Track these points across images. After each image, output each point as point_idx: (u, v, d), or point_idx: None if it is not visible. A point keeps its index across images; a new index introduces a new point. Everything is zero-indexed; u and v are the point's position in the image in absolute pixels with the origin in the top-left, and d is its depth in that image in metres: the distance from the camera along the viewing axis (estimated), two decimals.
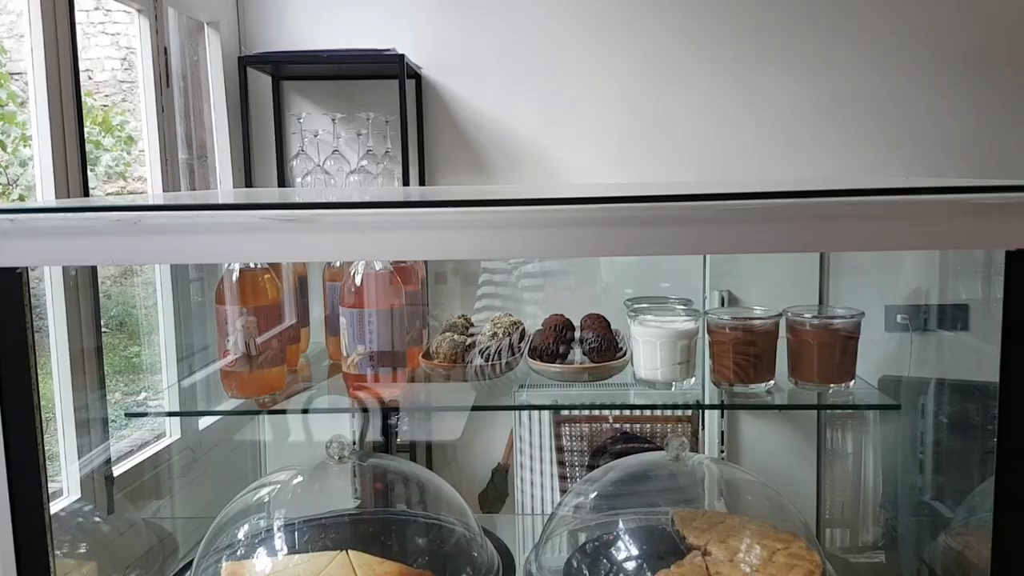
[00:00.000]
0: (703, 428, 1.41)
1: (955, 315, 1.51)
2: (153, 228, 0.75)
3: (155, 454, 1.70)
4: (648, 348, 1.04)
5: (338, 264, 1.19)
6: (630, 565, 1.17)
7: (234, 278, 1.01)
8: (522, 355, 1.15)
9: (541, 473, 2.51)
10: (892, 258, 1.42)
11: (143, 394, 1.80)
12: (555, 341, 1.13)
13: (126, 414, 1.25)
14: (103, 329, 1.51)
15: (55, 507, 1.40)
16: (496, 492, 2.49)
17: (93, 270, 1.26)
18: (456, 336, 1.13)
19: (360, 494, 1.32)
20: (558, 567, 1.21)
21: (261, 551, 1.15)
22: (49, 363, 1.42)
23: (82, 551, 1.39)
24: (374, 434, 1.45)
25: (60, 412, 1.46)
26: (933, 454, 1.39)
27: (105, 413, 1.49)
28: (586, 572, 1.20)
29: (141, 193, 2.29)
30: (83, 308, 1.31)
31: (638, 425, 2.01)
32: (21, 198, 1.73)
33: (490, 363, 1.11)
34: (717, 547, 1.19)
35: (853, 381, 1.05)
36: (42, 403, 0.88)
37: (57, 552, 1.25)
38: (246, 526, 1.16)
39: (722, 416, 1.40)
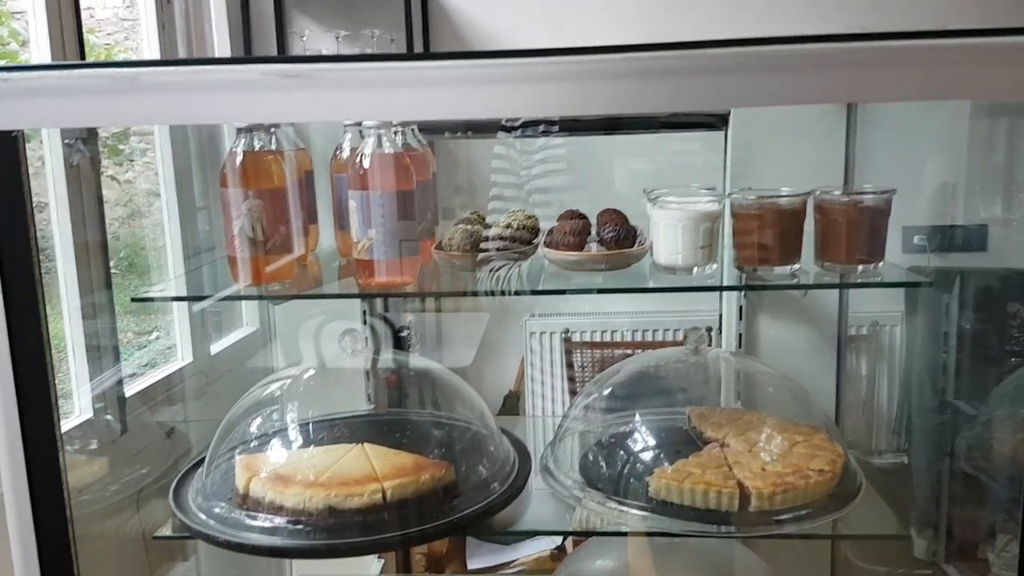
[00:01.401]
0: (720, 332, 1.38)
1: (974, 236, 1.47)
2: (151, 86, 0.71)
3: (167, 377, 1.69)
4: (669, 232, 1.00)
5: (345, 154, 1.15)
6: (646, 456, 1.16)
7: (238, 161, 0.97)
8: (538, 246, 1.12)
9: (552, 400, 2.51)
10: (912, 174, 1.37)
11: (155, 333, 1.79)
12: (571, 232, 1.09)
13: (132, 299, 1.23)
14: (112, 270, 1.49)
15: (66, 425, 1.40)
16: None
17: (95, 162, 1.22)
18: (469, 227, 1.09)
19: (374, 394, 1.31)
20: (574, 461, 1.20)
21: (275, 443, 1.14)
22: (55, 268, 1.40)
23: (93, 447, 1.39)
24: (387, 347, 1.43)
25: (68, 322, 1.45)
26: (957, 352, 1.36)
27: (114, 320, 1.48)
28: (602, 464, 1.19)
29: None
30: (86, 200, 1.28)
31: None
32: None
33: (505, 252, 1.07)
34: (735, 440, 1.17)
35: (882, 262, 1.01)
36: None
37: (68, 448, 1.25)
38: (259, 420, 1.15)
39: (740, 319, 1.36)
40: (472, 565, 2.81)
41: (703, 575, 1.22)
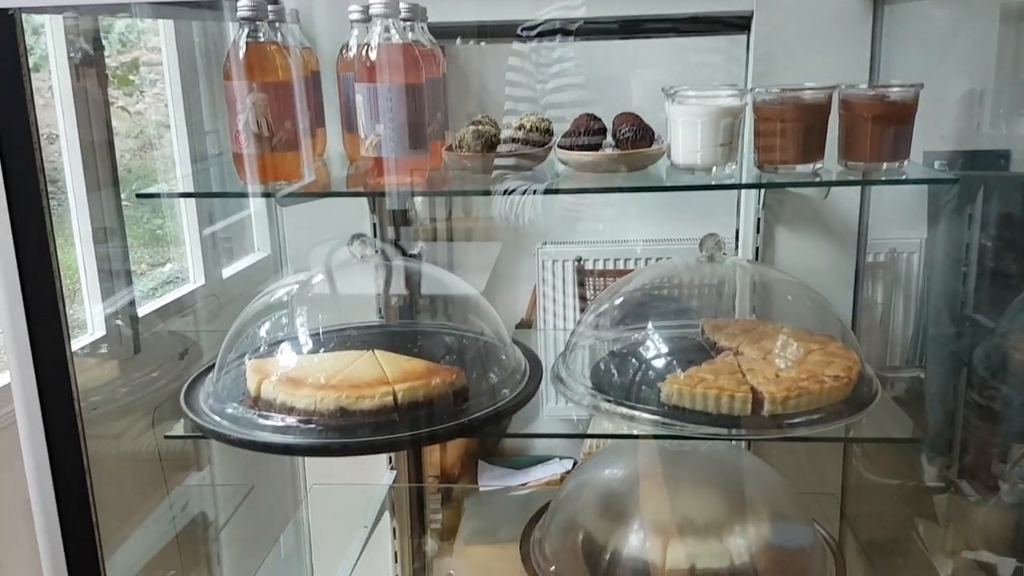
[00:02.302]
0: (737, 246, 1.36)
1: (996, 159, 1.42)
2: None
3: (179, 299, 1.69)
4: (688, 129, 0.96)
5: (352, 52, 1.11)
6: (658, 363, 1.15)
7: (241, 52, 0.94)
8: (551, 148, 1.08)
9: (565, 330, 2.50)
10: (938, 83, 1.32)
11: (168, 265, 1.79)
12: (586, 132, 1.06)
13: (137, 195, 1.21)
14: (123, 203, 1.48)
15: (79, 343, 1.41)
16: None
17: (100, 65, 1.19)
18: (481, 127, 1.06)
19: (384, 306, 1.30)
20: (585, 370, 1.19)
21: (286, 348, 1.13)
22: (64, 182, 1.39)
23: (103, 351, 1.40)
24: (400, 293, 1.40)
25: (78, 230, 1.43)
26: (977, 264, 1.34)
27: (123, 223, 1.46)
28: (614, 372, 1.18)
29: None
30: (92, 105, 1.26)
31: None
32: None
33: (518, 153, 1.04)
34: (750, 348, 1.16)
35: (907, 160, 0.97)
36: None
37: (77, 351, 1.25)
38: (268, 325, 1.14)
39: (757, 232, 1.34)
40: (484, 488, 2.86)
41: (714, 484, 1.22)
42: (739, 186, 1.10)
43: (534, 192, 0.99)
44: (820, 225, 1.42)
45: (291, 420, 1.01)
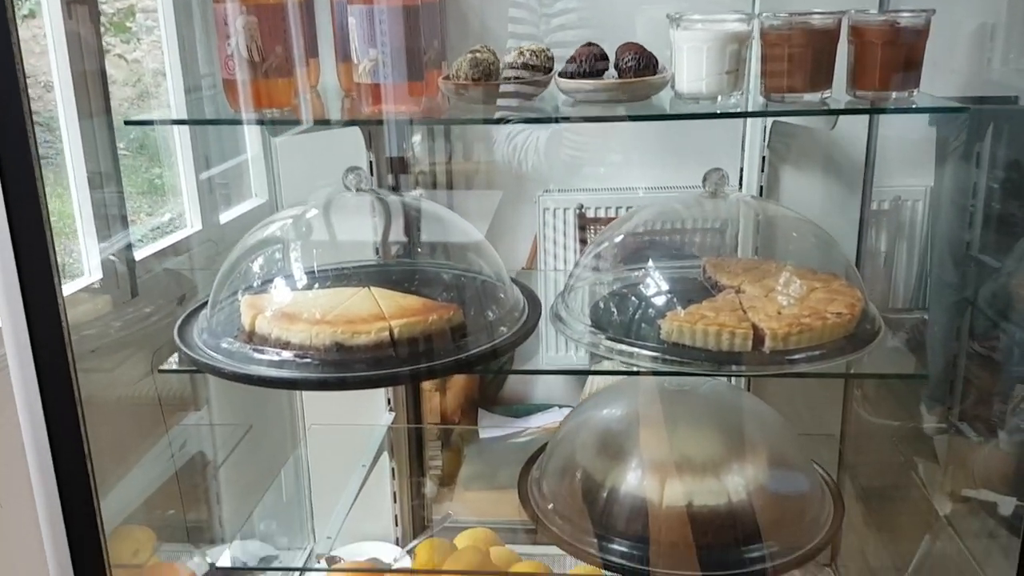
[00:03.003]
0: (741, 186, 1.33)
1: (1004, 103, 1.38)
2: None
3: (176, 244, 1.67)
4: (693, 56, 0.93)
5: None
6: (659, 301, 1.13)
7: None
8: (552, 78, 1.05)
9: (565, 273, 2.48)
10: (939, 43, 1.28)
11: (167, 215, 1.77)
12: (588, 61, 1.02)
13: (126, 122, 1.19)
14: (121, 152, 1.45)
15: (75, 287, 1.39)
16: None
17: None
18: (479, 55, 1.03)
19: (382, 244, 1.27)
20: (585, 307, 1.18)
21: (280, 284, 1.12)
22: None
23: (101, 294, 1.38)
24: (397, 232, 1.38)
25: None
26: (985, 205, 1.31)
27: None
28: (614, 311, 1.16)
29: None
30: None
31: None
32: None
33: (517, 80, 1.01)
34: (752, 286, 1.14)
35: (917, 90, 0.94)
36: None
37: (73, 294, 1.23)
38: (262, 260, 1.13)
39: (762, 170, 1.31)
40: (483, 435, 2.87)
41: (713, 423, 1.21)
42: (744, 114, 1.07)
43: (535, 120, 0.96)
44: (825, 167, 1.39)
45: (287, 355, 1.00)
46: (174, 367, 1.08)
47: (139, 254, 1.56)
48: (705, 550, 1.09)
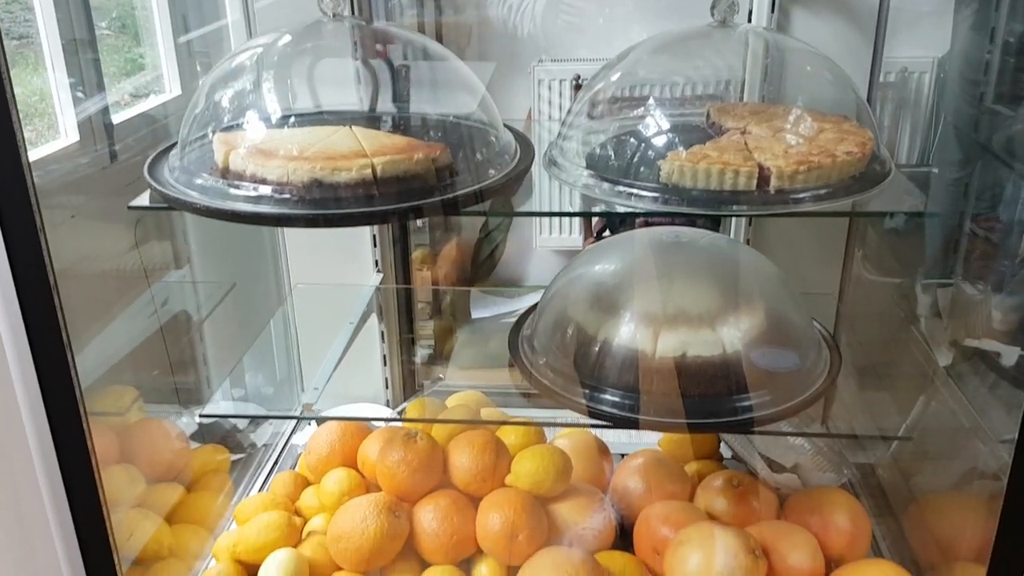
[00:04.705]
0: (750, 17, 1.24)
1: None
2: None
3: (154, 108, 1.60)
4: None
5: None
6: (659, 142, 1.07)
7: None
8: None
9: (558, 122, 2.39)
10: None
11: (151, 96, 1.65)
12: None
13: None
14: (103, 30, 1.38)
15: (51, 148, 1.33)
16: None
17: None
18: None
19: (361, 76, 1.20)
20: (580, 149, 1.12)
21: (254, 119, 1.05)
22: None
23: (78, 159, 1.33)
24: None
25: None
26: (1001, 52, 1.23)
27: None
28: (611, 154, 1.10)
29: None
30: None
31: None
32: None
33: None
34: (758, 127, 1.08)
35: None
36: None
37: (46, 156, 1.17)
38: (232, 93, 1.05)
39: (772, 10, 1.22)
40: (476, 315, 2.86)
41: (711, 276, 1.17)
42: None
43: None
44: (836, 34, 1.31)
45: (265, 190, 0.94)
46: (145, 204, 1.02)
47: (116, 118, 1.50)
48: (696, 400, 1.07)
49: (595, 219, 2.56)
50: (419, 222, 2.77)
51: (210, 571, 1.23)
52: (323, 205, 0.93)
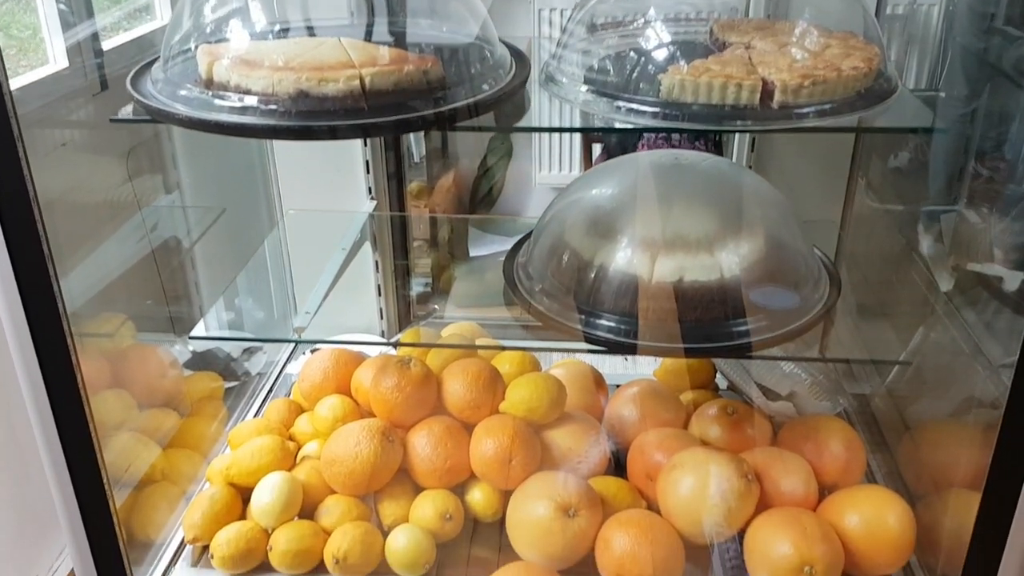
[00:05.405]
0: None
1: None
2: None
3: (145, 35, 1.56)
4: None
5: None
6: (660, 56, 1.03)
7: None
8: None
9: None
10: None
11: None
12: None
13: None
14: None
15: (39, 74, 1.29)
16: None
17: None
18: None
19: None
20: (578, 69, 1.08)
21: (237, 29, 1.01)
22: None
23: (68, 85, 1.30)
24: None
25: None
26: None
27: None
28: (610, 70, 1.06)
29: None
30: None
31: None
32: None
33: None
34: (762, 42, 1.04)
35: None
36: None
37: (35, 82, 1.14)
38: (216, 2, 1.01)
39: None
40: (474, 253, 2.84)
41: (712, 200, 1.14)
42: None
43: None
44: None
45: (250, 100, 0.91)
46: (129, 116, 0.99)
47: (107, 44, 1.46)
48: (693, 324, 1.06)
49: (595, 153, 2.52)
50: (416, 157, 2.73)
51: (203, 493, 1.23)
52: (310, 117, 0.90)
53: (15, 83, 1.23)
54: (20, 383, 0.97)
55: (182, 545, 1.22)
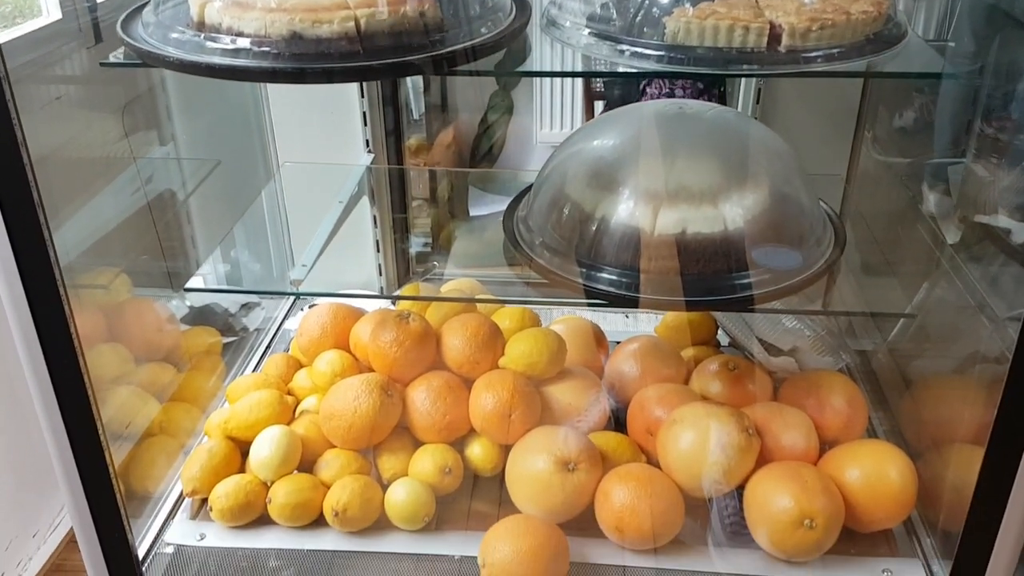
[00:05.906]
0: None
1: None
2: None
3: None
4: None
5: None
6: (665, 1, 1.00)
7: None
8: None
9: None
10: None
11: None
12: None
13: None
14: None
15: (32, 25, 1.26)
16: None
17: None
18: None
19: None
20: (582, 11, 1.05)
21: None
22: None
23: (62, 38, 1.27)
24: None
25: None
26: None
27: None
28: (613, 13, 1.03)
29: None
30: None
31: None
32: None
33: None
34: None
35: None
36: None
37: (27, 34, 1.11)
38: None
39: None
40: (475, 213, 2.81)
41: (716, 150, 1.12)
42: None
43: None
44: None
45: (242, 43, 0.88)
46: (120, 60, 0.96)
47: None
48: (695, 277, 1.04)
49: (598, 110, 2.47)
50: (415, 114, 2.68)
51: (202, 447, 1.22)
52: (303, 60, 0.88)
53: (5, 35, 1.21)
54: (13, 334, 0.96)
55: (181, 498, 1.22)
